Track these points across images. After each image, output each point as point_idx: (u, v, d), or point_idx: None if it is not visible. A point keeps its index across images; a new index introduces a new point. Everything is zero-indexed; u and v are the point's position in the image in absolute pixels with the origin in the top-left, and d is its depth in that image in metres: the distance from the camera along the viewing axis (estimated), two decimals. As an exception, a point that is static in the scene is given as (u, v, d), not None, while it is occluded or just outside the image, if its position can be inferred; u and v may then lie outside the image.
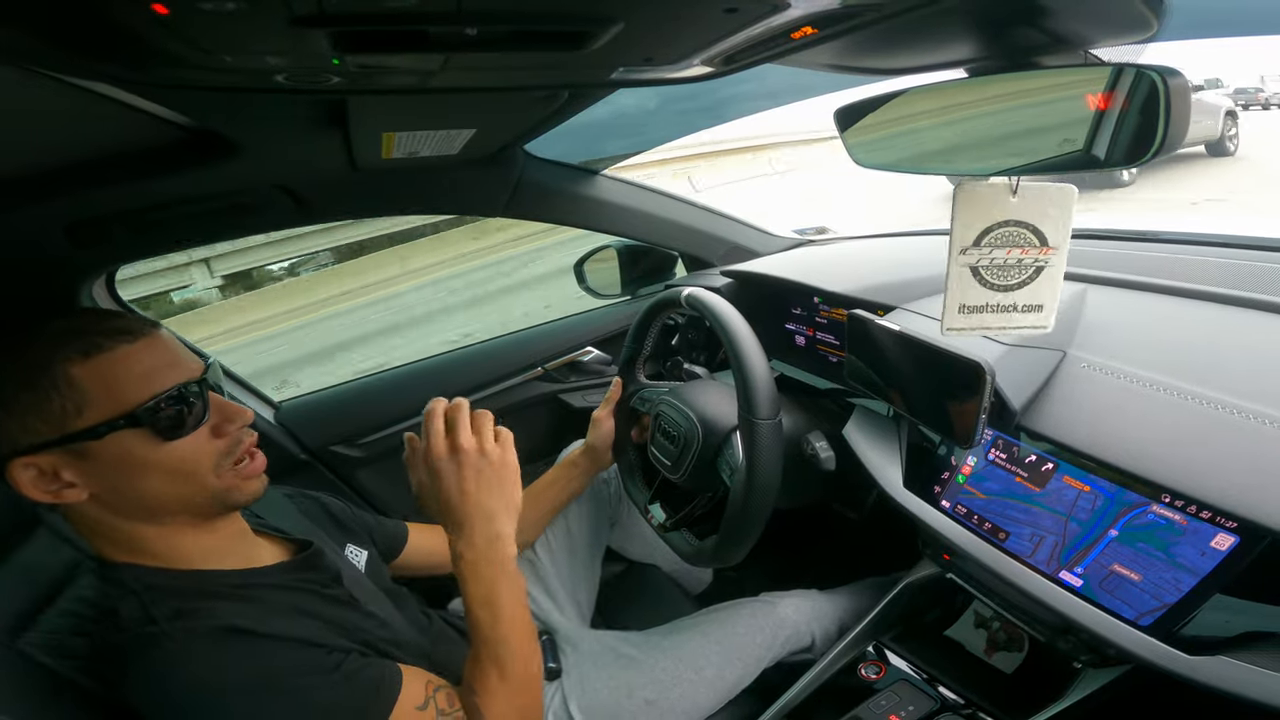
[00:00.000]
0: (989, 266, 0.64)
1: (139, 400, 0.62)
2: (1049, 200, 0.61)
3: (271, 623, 0.67)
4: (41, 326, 0.63)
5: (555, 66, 0.63)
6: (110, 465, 0.62)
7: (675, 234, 1.56)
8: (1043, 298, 0.65)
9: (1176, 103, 0.49)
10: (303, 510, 0.93)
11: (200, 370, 0.68)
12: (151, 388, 0.63)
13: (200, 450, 0.67)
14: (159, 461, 0.64)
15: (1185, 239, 1.09)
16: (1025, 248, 0.63)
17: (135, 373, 0.63)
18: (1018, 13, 0.52)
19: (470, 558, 0.75)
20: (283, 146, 0.90)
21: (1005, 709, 0.88)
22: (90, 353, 0.61)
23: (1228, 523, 0.61)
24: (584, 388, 1.62)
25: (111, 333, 0.63)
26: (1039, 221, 0.62)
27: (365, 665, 0.70)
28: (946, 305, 0.65)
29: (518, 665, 0.75)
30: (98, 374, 0.61)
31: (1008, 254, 0.63)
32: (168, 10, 0.37)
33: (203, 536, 0.70)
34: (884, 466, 0.97)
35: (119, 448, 0.62)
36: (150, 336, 0.66)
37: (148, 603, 0.64)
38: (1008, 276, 0.64)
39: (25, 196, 0.83)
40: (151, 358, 0.65)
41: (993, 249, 0.63)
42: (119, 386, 0.62)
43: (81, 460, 0.61)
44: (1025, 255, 0.63)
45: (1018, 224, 0.62)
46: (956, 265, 0.64)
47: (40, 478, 0.61)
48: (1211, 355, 0.78)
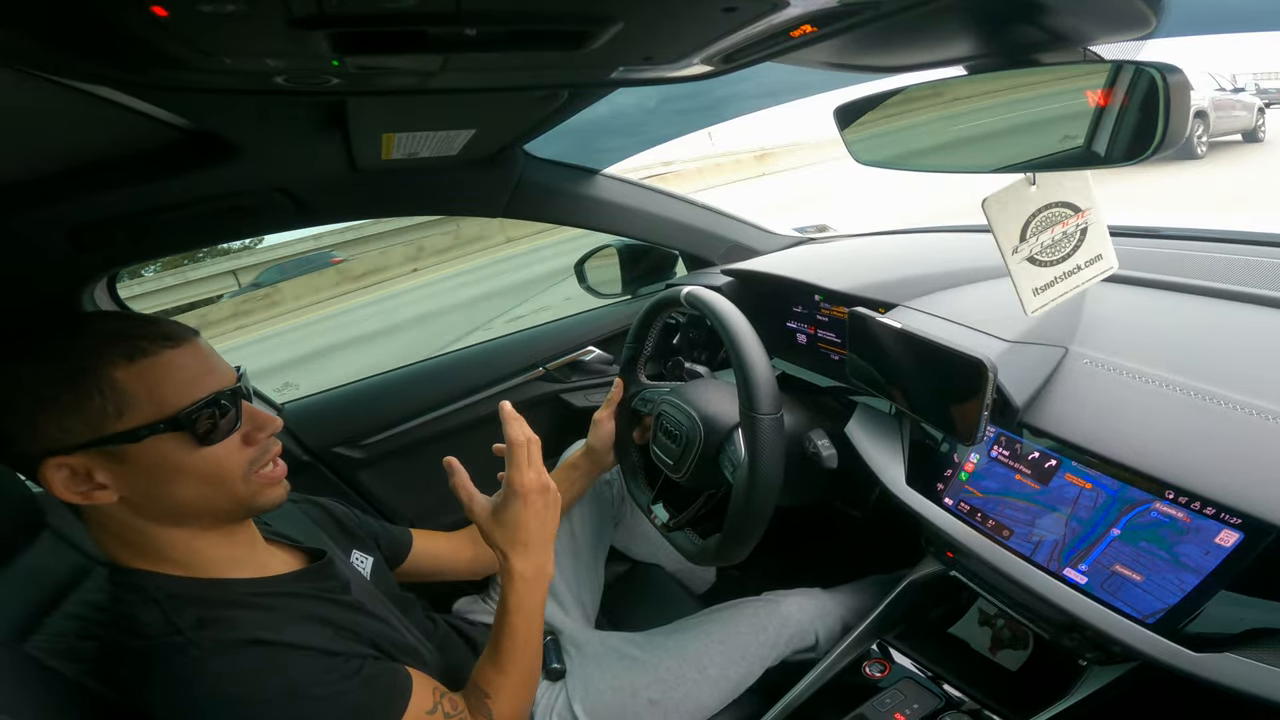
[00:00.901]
0: (1041, 250, 0.71)
1: (181, 405, 0.63)
2: (1064, 176, 0.68)
3: (291, 632, 0.68)
4: (79, 327, 0.63)
5: (554, 66, 0.63)
6: (145, 468, 0.63)
7: (675, 233, 1.56)
8: (1098, 248, 0.73)
9: (1176, 99, 0.49)
10: (310, 517, 0.94)
11: (234, 378, 0.69)
12: (193, 393, 0.64)
13: (232, 457, 0.68)
14: (193, 466, 0.65)
15: (1188, 234, 1.08)
16: (1064, 220, 0.70)
17: (178, 378, 0.64)
18: (1017, 10, 0.52)
19: (528, 575, 0.83)
20: (282, 148, 0.90)
21: (1010, 707, 0.88)
22: (135, 357, 0.62)
23: (1232, 519, 0.61)
24: (585, 387, 1.62)
25: (155, 337, 0.64)
26: (1065, 196, 0.69)
27: (381, 671, 0.72)
28: (1020, 295, 0.72)
29: (534, 675, 0.85)
30: (141, 378, 0.62)
31: (1052, 233, 0.70)
32: (166, 12, 0.37)
33: (220, 543, 0.71)
34: (886, 464, 0.97)
35: (156, 451, 0.63)
36: (191, 343, 0.67)
37: (169, 611, 0.64)
38: (1061, 249, 0.72)
39: (26, 200, 0.83)
40: (193, 364, 0.66)
41: (1038, 235, 0.70)
42: (162, 391, 0.62)
43: (116, 463, 0.62)
44: (1067, 226, 0.71)
45: (1049, 206, 0.69)
46: (1014, 263, 0.70)
47: (73, 478, 0.61)
48: (1215, 351, 0.78)
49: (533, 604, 0.83)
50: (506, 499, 0.83)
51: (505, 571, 0.82)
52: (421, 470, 1.49)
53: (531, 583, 0.82)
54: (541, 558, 0.84)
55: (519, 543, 0.82)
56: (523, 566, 0.82)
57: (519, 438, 0.83)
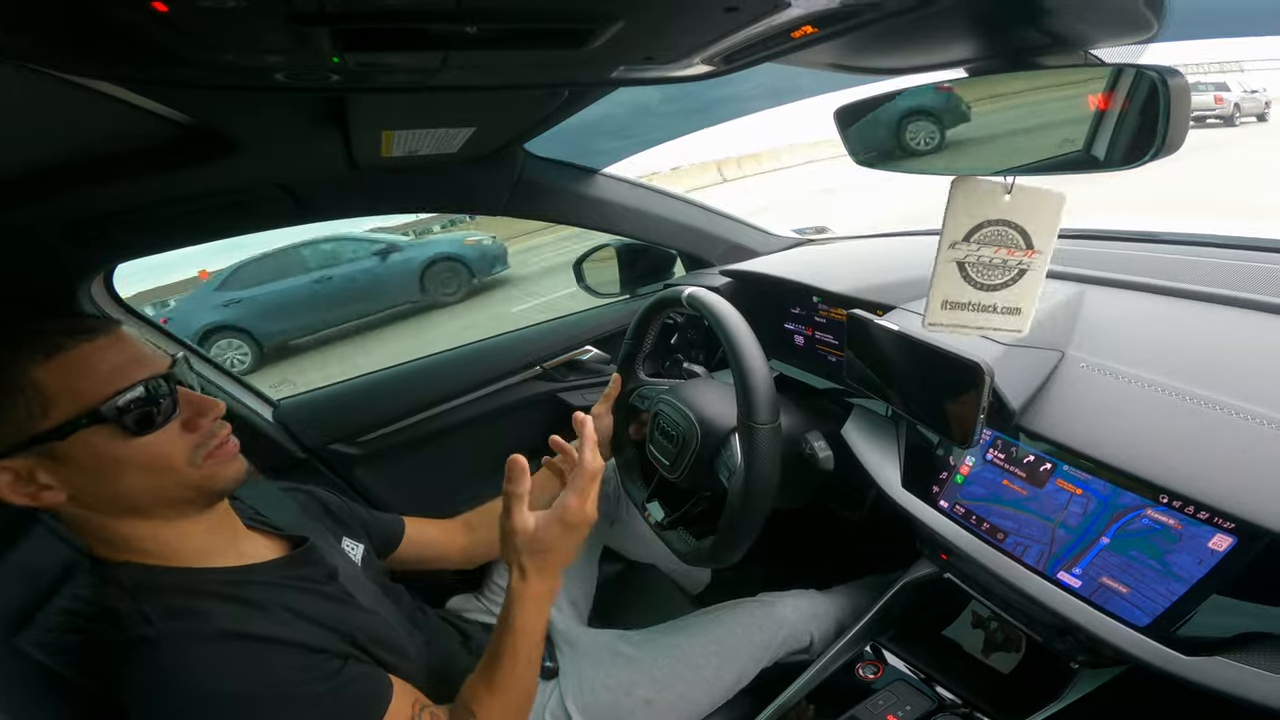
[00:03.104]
0: (975, 264, 0.64)
1: (101, 397, 0.62)
2: (1039, 204, 0.62)
3: (268, 626, 0.67)
4: (2, 331, 0.63)
5: (555, 65, 0.63)
6: (81, 465, 0.62)
7: (674, 233, 1.56)
8: (1021, 301, 0.65)
9: (1177, 103, 0.49)
10: (298, 504, 0.93)
11: (167, 365, 0.68)
12: (114, 384, 0.63)
13: (173, 444, 0.66)
14: (130, 458, 0.64)
15: (1184, 239, 1.09)
16: (1011, 248, 0.63)
17: (98, 371, 0.63)
18: (1018, 13, 0.52)
19: (541, 596, 0.78)
20: (282, 145, 0.90)
21: (1002, 709, 0.88)
22: (51, 353, 0.61)
23: (1225, 523, 0.61)
24: (583, 386, 1.61)
25: (72, 332, 0.63)
26: (1027, 223, 0.62)
27: (361, 675, 0.70)
28: (930, 299, 0.66)
29: (529, 698, 0.79)
30: (60, 373, 0.61)
31: (995, 252, 0.64)
32: (167, 8, 0.37)
33: (193, 532, 0.70)
34: (882, 466, 0.97)
35: (87, 447, 0.62)
36: (112, 334, 0.66)
37: (140, 601, 0.64)
38: (992, 276, 0.65)
39: (24, 195, 0.82)
40: (114, 355, 0.64)
41: (980, 246, 0.64)
42: (81, 385, 0.61)
43: (53, 462, 0.61)
44: (1010, 256, 0.64)
45: (1007, 224, 0.63)
46: (944, 260, 0.65)
47: (17, 481, 0.61)
48: (1211, 356, 0.78)
49: (539, 625, 0.79)
50: (556, 521, 0.76)
51: (521, 590, 0.77)
52: (418, 467, 1.49)
53: (541, 603, 0.78)
54: (556, 581, 0.80)
55: (547, 565, 0.77)
56: (541, 588, 0.78)
57: (595, 466, 0.79)
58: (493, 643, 0.78)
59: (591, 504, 0.78)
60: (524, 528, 0.75)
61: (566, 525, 0.76)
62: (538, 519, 0.76)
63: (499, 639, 0.77)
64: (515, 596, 0.76)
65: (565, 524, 0.76)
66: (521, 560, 0.76)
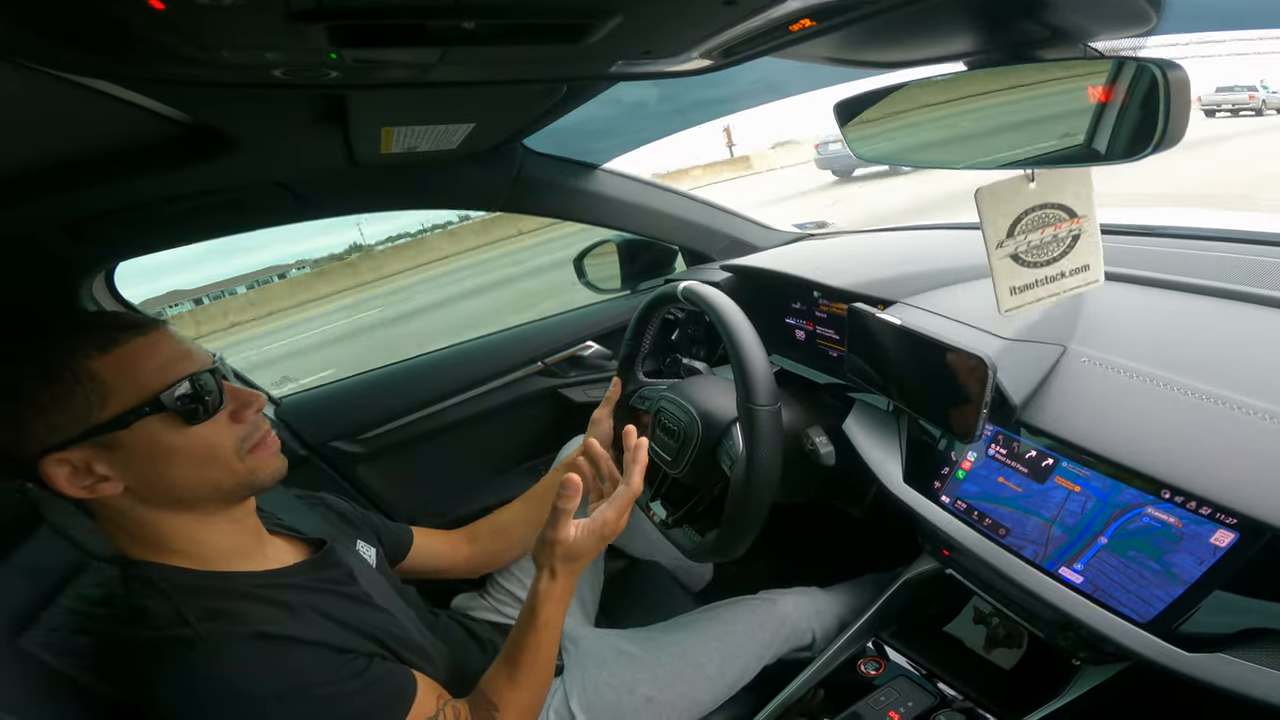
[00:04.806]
0: (1027, 250, 0.69)
1: (160, 386, 0.64)
2: (1067, 178, 0.66)
3: (299, 628, 0.69)
4: (49, 328, 0.64)
5: (553, 60, 0.63)
6: (139, 454, 0.64)
7: (675, 228, 1.56)
8: (1087, 258, 0.71)
9: (1177, 96, 0.49)
10: (315, 510, 0.95)
11: (210, 361, 0.71)
12: (170, 375, 0.65)
13: (222, 434, 0.69)
14: (185, 446, 0.66)
15: (1186, 233, 1.08)
16: (1057, 224, 0.69)
17: (153, 362, 0.65)
18: (1017, 6, 0.52)
19: (565, 593, 0.83)
20: (281, 142, 0.90)
21: (1004, 705, 0.88)
22: (108, 347, 0.63)
23: (1227, 519, 0.61)
24: (584, 382, 1.61)
25: (124, 327, 0.66)
26: (1063, 198, 0.67)
27: (388, 672, 0.73)
28: (997, 292, 0.70)
29: (546, 689, 0.84)
30: (117, 366, 0.63)
31: (1042, 234, 0.69)
32: (164, 5, 0.37)
33: (227, 533, 0.72)
34: (884, 461, 0.97)
35: (146, 435, 0.64)
36: (160, 330, 0.68)
37: (178, 602, 0.65)
38: (1047, 252, 0.70)
39: (24, 194, 0.83)
40: (165, 349, 0.67)
41: (1026, 234, 0.68)
42: (139, 375, 0.64)
43: (111, 452, 0.63)
44: (1059, 230, 0.69)
45: (1044, 206, 0.67)
46: (996, 258, 0.69)
47: (75, 474, 0.62)
48: (1213, 350, 0.78)
49: (559, 621, 0.84)
50: (595, 533, 0.82)
51: (549, 591, 0.81)
52: (420, 464, 1.50)
53: (564, 603, 0.83)
54: (575, 582, 0.85)
55: (575, 571, 0.83)
56: (566, 589, 0.83)
57: (639, 489, 0.84)
58: (515, 639, 0.82)
59: (625, 519, 0.84)
60: (566, 538, 0.80)
61: (602, 537, 0.82)
62: (578, 529, 0.81)
63: (522, 635, 0.81)
64: (543, 597, 0.81)
65: (601, 536, 0.82)
66: (554, 565, 0.81)
